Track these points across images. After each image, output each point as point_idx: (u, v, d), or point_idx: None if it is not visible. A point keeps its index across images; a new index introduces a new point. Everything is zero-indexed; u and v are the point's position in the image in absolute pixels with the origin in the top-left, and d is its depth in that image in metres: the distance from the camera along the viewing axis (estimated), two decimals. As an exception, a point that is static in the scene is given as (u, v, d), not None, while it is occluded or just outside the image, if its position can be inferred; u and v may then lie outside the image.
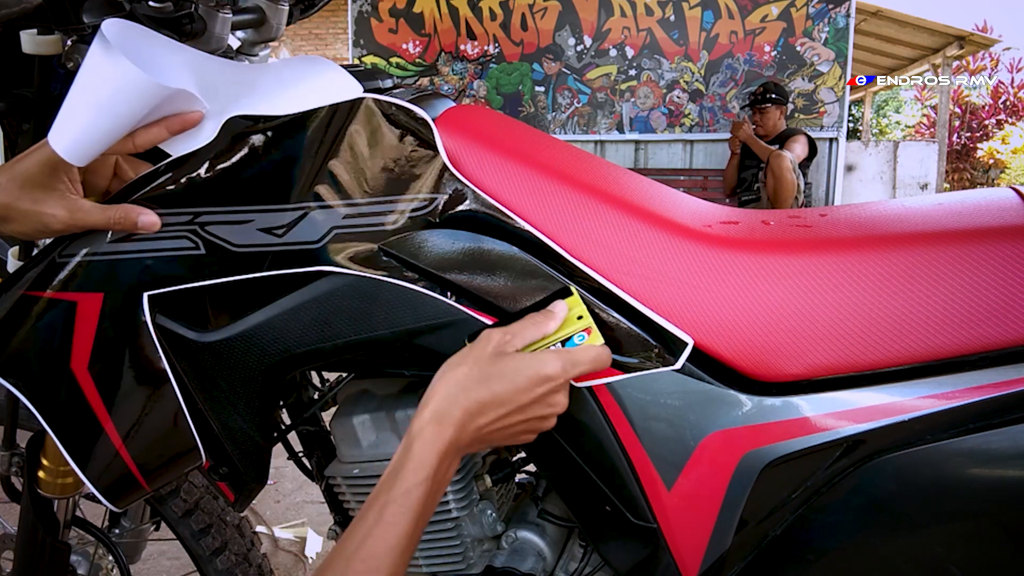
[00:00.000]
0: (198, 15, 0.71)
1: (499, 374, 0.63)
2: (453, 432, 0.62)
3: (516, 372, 0.63)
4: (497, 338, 0.65)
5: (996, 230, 0.67)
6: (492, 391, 0.62)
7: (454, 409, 0.62)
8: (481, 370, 0.63)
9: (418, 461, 0.61)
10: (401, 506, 0.59)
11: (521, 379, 0.63)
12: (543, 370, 0.63)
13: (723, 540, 0.70)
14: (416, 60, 4.97)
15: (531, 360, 0.64)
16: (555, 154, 0.78)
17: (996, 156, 12.47)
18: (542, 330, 0.66)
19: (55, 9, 0.64)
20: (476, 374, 0.63)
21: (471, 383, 0.63)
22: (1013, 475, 0.64)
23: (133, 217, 0.68)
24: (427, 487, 0.60)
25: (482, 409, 0.62)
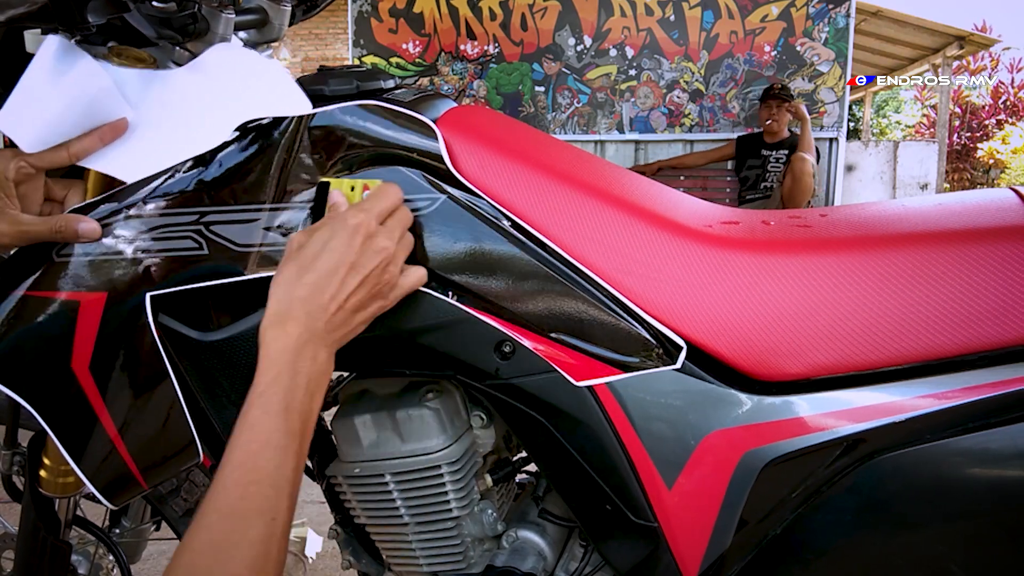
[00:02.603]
0: (201, 15, 0.71)
1: (314, 254, 0.64)
2: (296, 325, 0.62)
3: (326, 240, 0.64)
4: (299, 237, 0.66)
5: (996, 230, 0.67)
6: (316, 270, 0.63)
7: (288, 306, 0.63)
8: (298, 262, 0.64)
9: (265, 363, 0.62)
10: (260, 407, 0.60)
11: (334, 243, 0.64)
12: (348, 223, 0.64)
13: (723, 539, 0.70)
14: (416, 60, 4.97)
15: (331, 225, 0.65)
16: (555, 154, 0.78)
17: (996, 156, 12.47)
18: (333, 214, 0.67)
19: (59, 9, 0.64)
20: (295, 266, 0.64)
21: (293, 276, 0.64)
22: (1012, 474, 0.64)
23: (74, 226, 0.69)
24: (284, 382, 0.61)
25: (317, 288, 0.63)
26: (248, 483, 0.58)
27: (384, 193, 0.67)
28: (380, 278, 0.66)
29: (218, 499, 0.57)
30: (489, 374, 0.71)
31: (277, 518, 0.58)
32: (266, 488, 0.58)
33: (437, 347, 0.71)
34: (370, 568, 0.93)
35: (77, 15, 0.64)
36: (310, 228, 0.67)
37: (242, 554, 0.55)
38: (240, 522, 0.56)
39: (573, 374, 0.69)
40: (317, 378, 0.64)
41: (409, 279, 0.69)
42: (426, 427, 0.77)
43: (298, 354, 0.62)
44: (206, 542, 0.55)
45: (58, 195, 0.74)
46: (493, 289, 0.70)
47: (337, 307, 0.64)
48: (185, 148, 0.71)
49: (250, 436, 0.59)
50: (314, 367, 0.63)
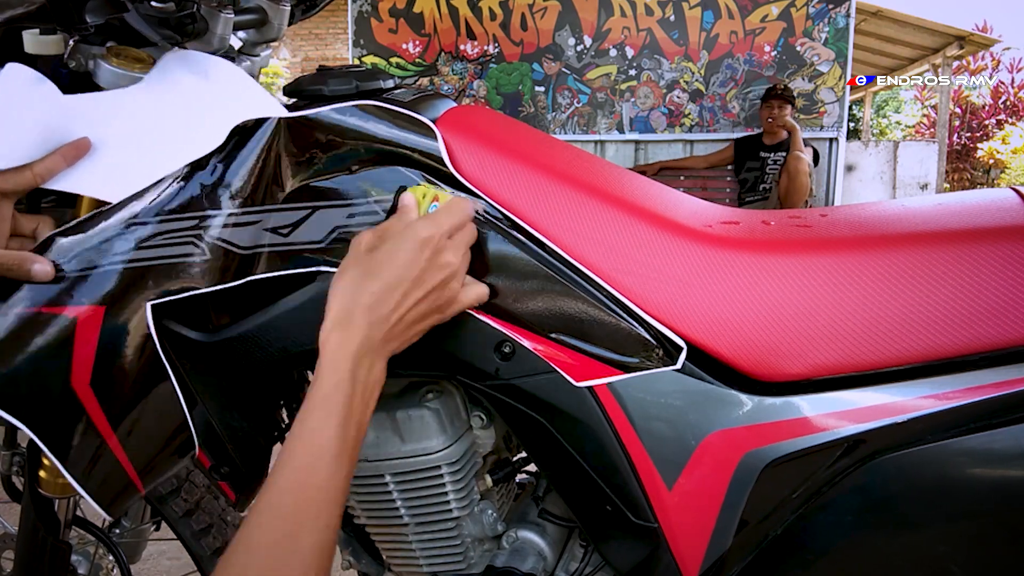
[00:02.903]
0: (200, 15, 0.71)
1: (380, 262, 0.64)
2: (359, 333, 0.62)
3: (395, 252, 0.64)
4: (367, 238, 0.66)
5: (996, 230, 0.67)
6: (382, 279, 0.63)
7: (353, 311, 0.62)
8: (364, 267, 0.64)
9: (329, 367, 0.61)
10: (322, 410, 0.60)
11: (402, 255, 0.64)
12: (418, 236, 0.64)
13: (724, 540, 0.70)
14: (416, 60, 4.97)
15: (403, 236, 0.65)
16: (555, 154, 0.78)
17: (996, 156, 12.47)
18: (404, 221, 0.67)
19: (58, 9, 0.64)
20: (361, 272, 0.64)
21: (359, 281, 0.63)
22: (1014, 475, 0.64)
23: (27, 266, 0.67)
24: (346, 389, 0.61)
25: (381, 299, 0.63)
26: (306, 487, 0.57)
27: (456, 209, 0.67)
28: (441, 293, 0.66)
29: (275, 501, 0.57)
30: (489, 374, 0.71)
31: (330, 525, 0.58)
32: (323, 494, 0.58)
33: (437, 347, 0.71)
34: (370, 568, 0.93)
35: (75, 15, 0.64)
36: (378, 230, 0.67)
37: (297, 560, 0.55)
38: (297, 528, 0.56)
39: (573, 374, 0.69)
40: (373, 387, 0.63)
41: (470, 296, 0.68)
42: (426, 427, 0.77)
43: (359, 363, 0.62)
44: (261, 544, 0.55)
45: (26, 228, 0.71)
46: (493, 289, 0.70)
47: (398, 319, 0.64)
48: (162, 163, 0.70)
49: (310, 442, 0.59)
50: (370, 377, 0.63)
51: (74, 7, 0.64)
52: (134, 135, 0.71)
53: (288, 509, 0.56)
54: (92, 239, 0.69)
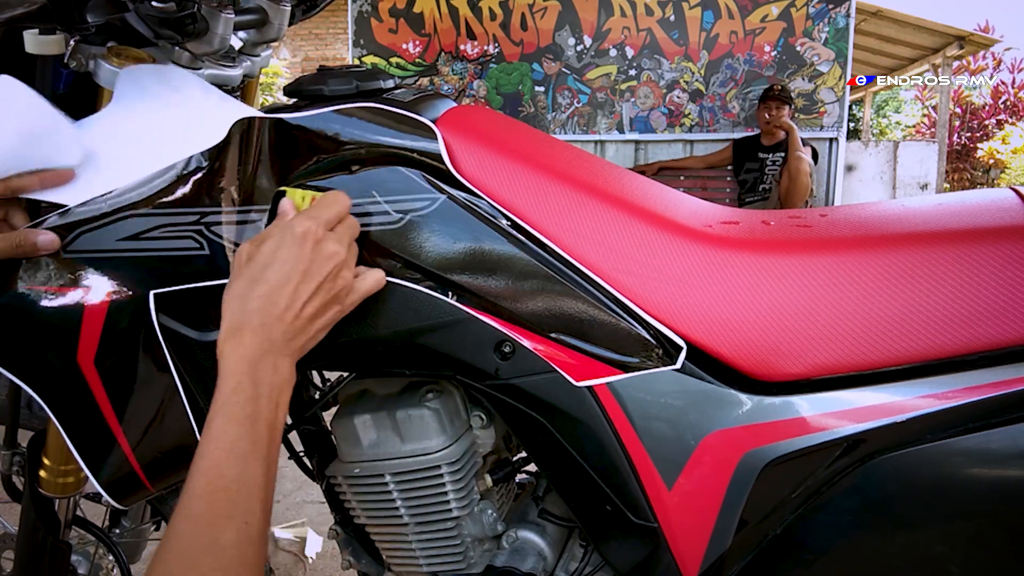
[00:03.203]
0: (200, 15, 0.71)
1: (263, 265, 0.64)
2: (252, 336, 0.62)
3: (275, 251, 0.64)
4: (247, 248, 0.66)
5: (996, 230, 0.67)
6: (267, 280, 0.63)
7: (243, 317, 0.63)
8: (247, 274, 0.64)
9: (225, 375, 0.62)
10: (223, 415, 0.60)
11: (282, 252, 0.64)
12: (295, 231, 0.64)
13: (723, 539, 0.70)
14: (416, 60, 4.96)
15: (280, 235, 0.65)
16: (555, 154, 0.78)
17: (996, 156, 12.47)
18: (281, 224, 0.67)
19: (58, 9, 0.64)
20: (245, 280, 0.64)
21: (245, 288, 0.64)
22: (1012, 475, 0.64)
23: (32, 239, 0.69)
24: (246, 391, 0.61)
25: (269, 300, 0.63)
26: (215, 489, 0.58)
27: (331, 200, 0.67)
28: (334, 284, 0.66)
29: (187, 506, 0.57)
30: (489, 374, 0.71)
31: (250, 522, 0.58)
32: (234, 494, 0.58)
33: (437, 347, 0.71)
34: (370, 568, 0.93)
35: (76, 15, 0.64)
36: (257, 238, 0.67)
37: (213, 558, 0.55)
38: (208, 527, 0.56)
39: (573, 374, 0.69)
40: (280, 387, 0.63)
41: (366, 283, 0.68)
42: (426, 427, 0.77)
43: (257, 364, 0.62)
44: (176, 549, 0.56)
45: (19, 221, 0.72)
46: (493, 289, 0.70)
47: (293, 316, 0.64)
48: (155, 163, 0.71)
49: (215, 444, 0.59)
50: (276, 377, 0.63)
51: (75, 7, 0.64)
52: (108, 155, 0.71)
53: (199, 511, 0.57)
54: (98, 223, 0.71)
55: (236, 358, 0.62)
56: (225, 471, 0.58)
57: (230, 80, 0.85)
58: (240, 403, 0.61)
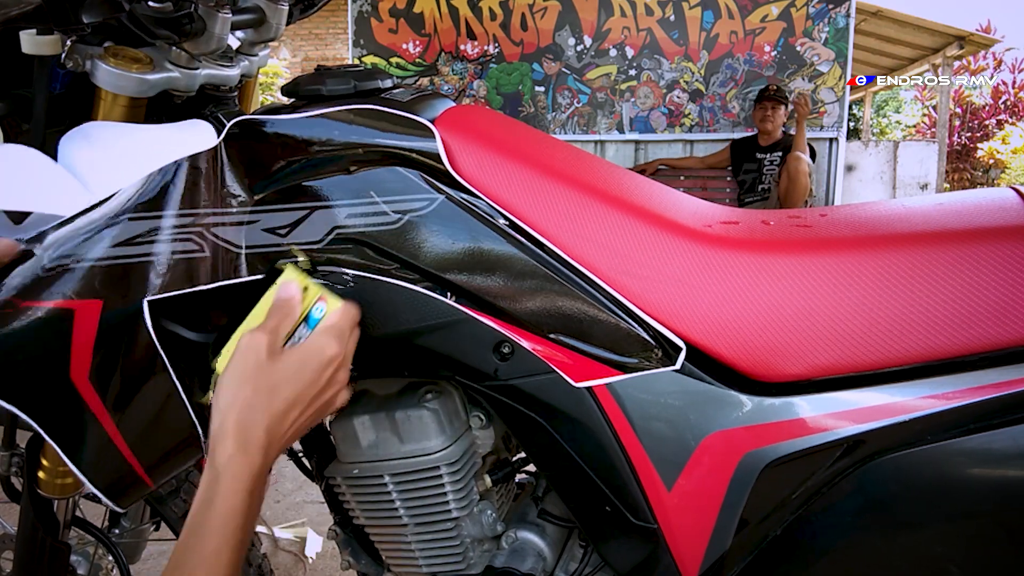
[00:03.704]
0: (198, 15, 0.71)
1: (285, 378, 0.62)
2: (261, 456, 0.60)
3: (301, 367, 0.62)
4: (262, 341, 0.62)
5: (996, 230, 0.67)
6: (285, 397, 0.61)
7: (257, 432, 0.60)
8: (267, 381, 0.61)
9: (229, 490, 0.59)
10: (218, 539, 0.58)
11: (308, 372, 0.62)
12: (325, 354, 0.63)
13: (723, 540, 0.70)
14: (416, 60, 4.96)
15: (309, 350, 0.63)
16: (555, 154, 0.78)
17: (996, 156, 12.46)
18: (293, 316, 0.65)
19: (54, 9, 0.63)
20: (264, 387, 0.61)
21: (263, 399, 0.61)
22: (1013, 475, 0.64)
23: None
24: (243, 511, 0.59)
25: (281, 420, 0.61)
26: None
27: (350, 319, 0.66)
28: (325, 408, 0.65)
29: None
30: (488, 375, 0.70)
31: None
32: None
33: (436, 348, 0.71)
34: (369, 569, 0.93)
35: (72, 15, 0.64)
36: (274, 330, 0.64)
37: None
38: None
39: (572, 375, 0.69)
40: (262, 495, 0.62)
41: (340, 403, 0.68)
42: (425, 428, 0.77)
43: (256, 481, 0.61)
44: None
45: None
46: (492, 290, 0.70)
47: (290, 436, 0.63)
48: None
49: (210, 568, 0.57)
50: (264, 487, 0.62)
51: (70, 7, 0.63)
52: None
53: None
54: (89, 231, 0.69)
55: (242, 478, 0.59)
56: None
57: (228, 80, 0.85)
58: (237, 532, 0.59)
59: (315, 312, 0.66)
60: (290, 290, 0.66)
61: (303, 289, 0.66)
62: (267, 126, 0.72)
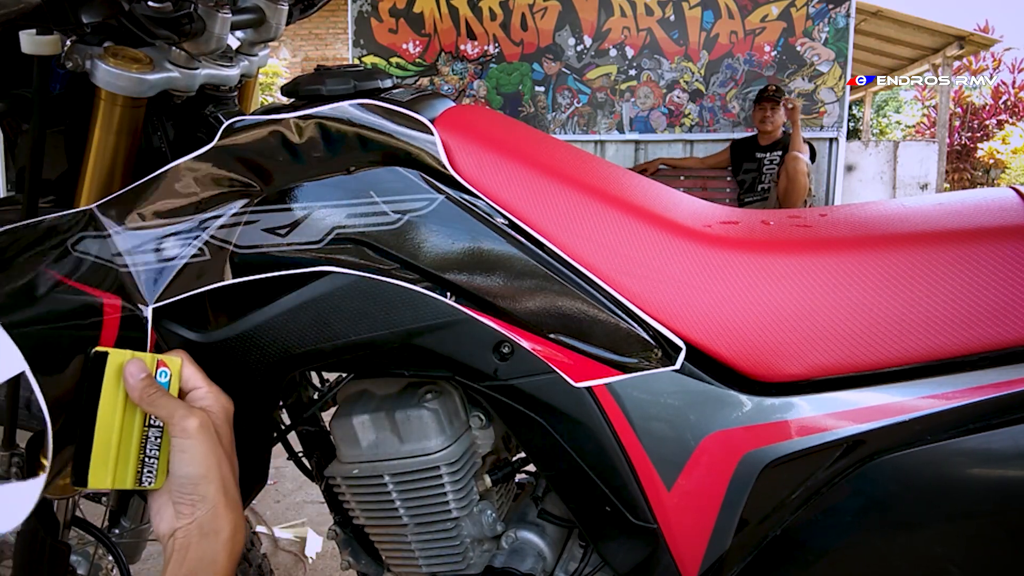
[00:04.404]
0: (197, 15, 0.71)
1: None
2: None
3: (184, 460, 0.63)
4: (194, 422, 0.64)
5: (996, 230, 0.67)
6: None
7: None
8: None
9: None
10: None
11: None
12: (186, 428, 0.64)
13: (723, 540, 0.70)
14: (416, 60, 4.96)
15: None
16: (555, 154, 0.78)
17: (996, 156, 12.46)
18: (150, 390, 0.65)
19: (54, 9, 0.63)
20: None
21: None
22: (1013, 475, 0.64)
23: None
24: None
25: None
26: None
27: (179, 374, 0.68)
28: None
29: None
30: (488, 375, 0.70)
31: None
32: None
33: (435, 348, 0.71)
34: (369, 569, 0.93)
35: (71, 15, 0.64)
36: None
37: None
38: None
39: (572, 375, 0.69)
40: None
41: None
42: (425, 428, 0.77)
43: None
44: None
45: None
46: (491, 290, 0.69)
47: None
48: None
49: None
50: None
51: (70, 7, 0.63)
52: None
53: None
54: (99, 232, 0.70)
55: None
56: None
57: (227, 80, 0.85)
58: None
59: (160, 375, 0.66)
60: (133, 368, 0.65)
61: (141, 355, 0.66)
62: (266, 126, 0.72)
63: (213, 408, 0.67)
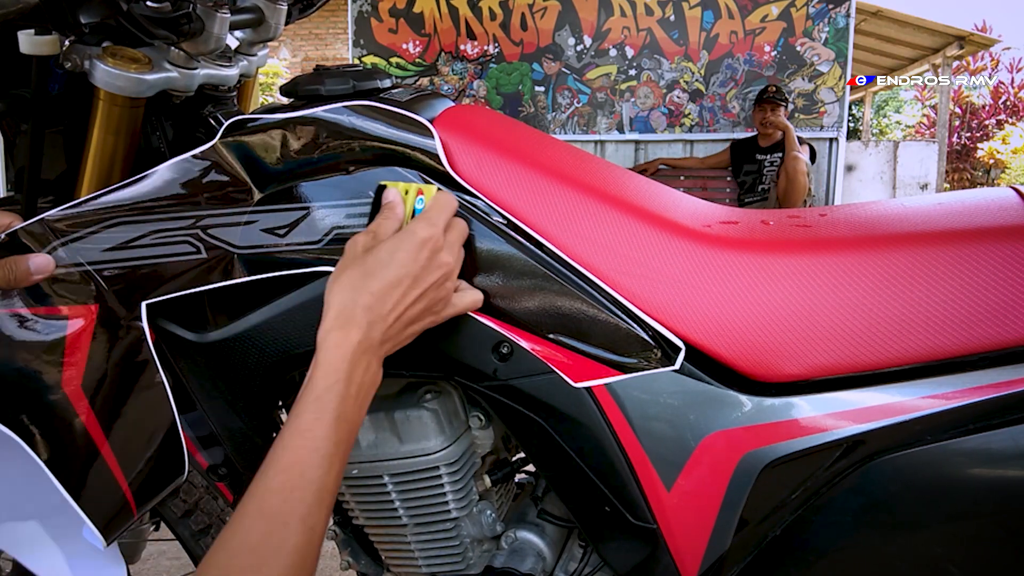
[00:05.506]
0: (196, 15, 0.71)
1: (380, 262, 0.64)
2: (358, 333, 0.62)
3: (394, 250, 0.64)
4: (363, 239, 0.66)
5: (996, 230, 0.67)
6: (382, 278, 0.63)
7: (354, 310, 0.62)
8: (363, 267, 0.64)
9: (325, 367, 0.61)
10: (314, 412, 0.59)
11: (401, 254, 0.64)
12: (416, 236, 0.64)
13: (723, 540, 0.70)
14: (416, 60, 4.96)
15: (401, 236, 0.65)
16: (554, 154, 0.78)
17: (996, 156, 12.46)
18: (396, 218, 0.67)
19: (52, 9, 0.63)
20: (360, 272, 0.63)
21: (359, 281, 0.63)
22: (1013, 475, 0.64)
23: (24, 265, 0.66)
24: (340, 390, 0.60)
25: (381, 298, 0.63)
26: (293, 488, 0.56)
27: (444, 204, 0.67)
28: (437, 293, 0.66)
29: (261, 501, 0.56)
30: (487, 375, 0.70)
31: (316, 528, 0.57)
32: (309, 496, 0.57)
33: (435, 348, 0.71)
34: (369, 569, 0.93)
35: (69, 15, 0.63)
36: (370, 230, 0.66)
37: (280, 561, 0.54)
38: (282, 528, 0.55)
39: (571, 375, 0.69)
40: (368, 388, 0.63)
41: (464, 300, 0.68)
42: (424, 428, 0.77)
43: (356, 363, 0.62)
44: (244, 544, 0.54)
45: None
46: (490, 290, 0.69)
47: (396, 318, 0.64)
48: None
49: (301, 441, 0.58)
50: (366, 376, 0.63)
51: (68, 7, 0.63)
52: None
53: (275, 509, 0.55)
54: (85, 234, 0.69)
55: (340, 354, 0.61)
56: (306, 471, 0.57)
57: (226, 80, 0.85)
58: (333, 401, 0.60)
59: (418, 205, 0.68)
60: (389, 195, 0.68)
61: (404, 192, 0.69)
62: (265, 126, 0.72)
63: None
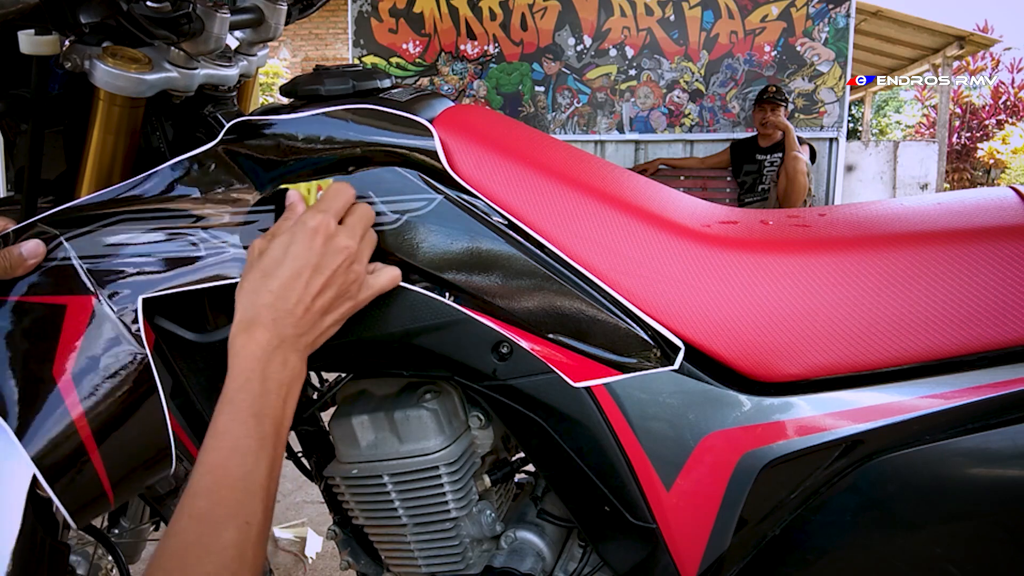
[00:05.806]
0: (196, 15, 0.71)
1: (275, 259, 0.64)
2: (264, 332, 0.63)
3: (287, 245, 0.64)
4: (259, 243, 0.67)
5: (996, 230, 0.67)
6: (279, 275, 0.64)
7: (257, 311, 0.63)
8: (261, 267, 0.65)
9: (233, 371, 0.62)
10: (228, 414, 0.60)
11: (295, 247, 0.64)
12: (307, 226, 0.65)
13: (722, 540, 0.70)
14: (416, 60, 4.96)
15: (292, 230, 0.65)
16: (554, 154, 0.78)
17: (996, 156, 12.46)
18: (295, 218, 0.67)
19: (52, 9, 0.63)
20: (259, 273, 0.64)
21: (259, 282, 0.64)
22: (1012, 475, 0.64)
23: (16, 252, 0.68)
24: (253, 388, 0.61)
25: (282, 295, 0.63)
26: (219, 488, 0.57)
27: (337, 191, 0.68)
28: (345, 278, 0.66)
29: (189, 504, 0.57)
30: (486, 375, 0.70)
31: (251, 522, 0.57)
32: (238, 492, 0.58)
33: (434, 348, 0.71)
34: (369, 569, 0.93)
35: (69, 15, 0.63)
36: (269, 233, 0.67)
37: (214, 558, 0.55)
38: (211, 526, 0.56)
39: (571, 375, 0.69)
40: (289, 383, 0.64)
41: (380, 279, 0.68)
42: (424, 428, 0.77)
43: (268, 360, 0.62)
44: (177, 546, 0.55)
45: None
46: (490, 290, 0.69)
47: (304, 310, 0.64)
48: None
49: (219, 442, 0.59)
50: (284, 372, 0.63)
51: (68, 7, 0.63)
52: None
53: (201, 510, 0.56)
54: (84, 232, 0.70)
55: (246, 354, 0.62)
56: (230, 469, 0.58)
57: (226, 80, 0.85)
58: (247, 400, 0.61)
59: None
60: (291, 196, 0.69)
61: (306, 191, 0.69)
62: (265, 126, 0.72)
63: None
